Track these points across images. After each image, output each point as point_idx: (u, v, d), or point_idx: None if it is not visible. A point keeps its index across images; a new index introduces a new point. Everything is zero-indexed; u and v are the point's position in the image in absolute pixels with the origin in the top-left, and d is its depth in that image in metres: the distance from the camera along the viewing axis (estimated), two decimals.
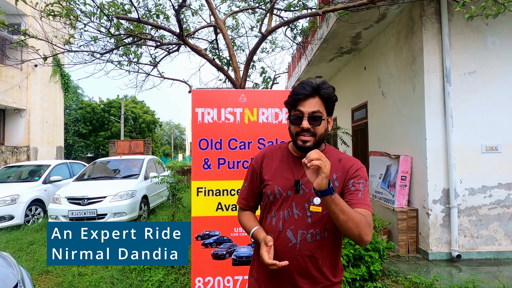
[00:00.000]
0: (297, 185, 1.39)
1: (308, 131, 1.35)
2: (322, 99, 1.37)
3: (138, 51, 5.16)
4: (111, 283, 3.79)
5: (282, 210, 1.41)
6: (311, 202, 1.37)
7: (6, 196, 6.83)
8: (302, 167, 1.37)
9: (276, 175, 1.45)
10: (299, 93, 1.36)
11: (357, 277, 3.56)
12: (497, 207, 4.58)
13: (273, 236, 1.39)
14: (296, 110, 1.37)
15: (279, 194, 1.42)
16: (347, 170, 1.38)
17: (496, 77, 4.61)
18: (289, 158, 1.47)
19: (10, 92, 10.65)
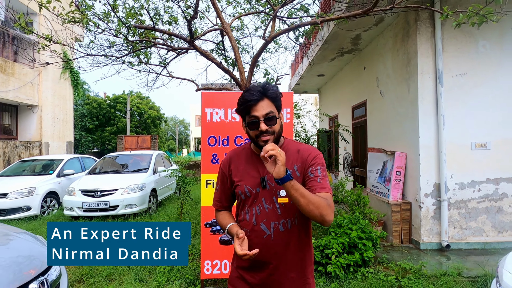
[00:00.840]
0: (263, 181, 1.51)
1: (267, 132, 1.46)
2: (270, 100, 1.47)
3: (148, 52, 5.48)
4: (127, 267, 4.16)
5: (254, 206, 1.52)
6: (278, 195, 1.49)
7: (24, 188, 7.24)
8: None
9: (244, 175, 1.56)
10: (250, 99, 1.45)
11: (351, 263, 3.89)
12: (485, 201, 4.88)
13: (249, 230, 1.51)
14: (251, 115, 1.46)
15: (249, 192, 1.53)
16: (306, 159, 1.51)
17: (486, 79, 4.89)
18: (253, 158, 1.58)
19: (23, 89, 11.06)
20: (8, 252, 2.46)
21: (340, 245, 4.01)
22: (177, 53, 4.83)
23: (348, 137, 7.95)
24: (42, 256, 2.58)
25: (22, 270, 2.27)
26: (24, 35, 11.51)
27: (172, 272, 3.96)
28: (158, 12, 5.94)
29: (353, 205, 5.24)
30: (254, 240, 1.49)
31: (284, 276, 1.51)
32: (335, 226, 4.29)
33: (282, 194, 1.48)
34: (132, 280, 3.76)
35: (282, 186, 1.31)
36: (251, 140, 1.54)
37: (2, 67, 10.18)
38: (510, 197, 4.87)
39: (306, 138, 7.30)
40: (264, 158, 1.30)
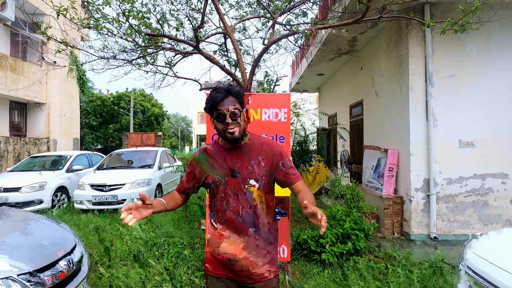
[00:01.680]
0: (233, 172, 1.69)
1: (233, 124, 1.64)
2: (234, 97, 1.68)
3: (155, 54, 5.80)
4: (138, 254, 4.51)
5: (224, 193, 1.70)
6: (247, 183, 1.68)
7: (35, 182, 7.60)
8: (234, 156, 1.72)
9: (213, 167, 1.73)
10: (216, 96, 1.65)
11: (344, 252, 4.22)
12: (471, 195, 5.20)
13: (220, 214, 1.71)
14: (218, 111, 1.65)
15: (218, 181, 1.71)
16: (272, 153, 1.73)
17: (473, 80, 5.19)
18: (221, 151, 1.76)
19: (32, 87, 11.42)
20: (40, 235, 2.81)
21: (334, 235, 4.33)
22: (183, 56, 5.15)
23: (346, 135, 8.27)
24: (67, 238, 2.95)
25: (52, 250, 2.62)
26: (32, 35, 11.85)
27: (179, 258, 4.31)
28: (164, 15, 6.26)
29: (348, 199, 5.57)
30: (226, 223, 1.70)
31: (253, 255, 1.69)
32: (329, 218, 4.62)
33: (251, 183, 1.67)
34: (143, 265, 4.10)
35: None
36: (219, 133, 1.70)
37: (12, 66, 10.54)
38: (496, 191, 5.18)
39: (305, 136, 7.62)
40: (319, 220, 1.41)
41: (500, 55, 5.20)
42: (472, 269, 2.09)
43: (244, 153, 1.72)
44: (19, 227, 2.91)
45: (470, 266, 2.12)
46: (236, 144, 1.72)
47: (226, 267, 1.73)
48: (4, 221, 3.01)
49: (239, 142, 1.71)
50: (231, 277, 1.73)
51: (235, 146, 1.73)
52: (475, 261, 2.11)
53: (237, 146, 1.73)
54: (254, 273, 1.69)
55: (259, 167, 1.70)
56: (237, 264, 1.69)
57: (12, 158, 10.53)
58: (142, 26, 4.00)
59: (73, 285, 2.62)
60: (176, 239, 5.08)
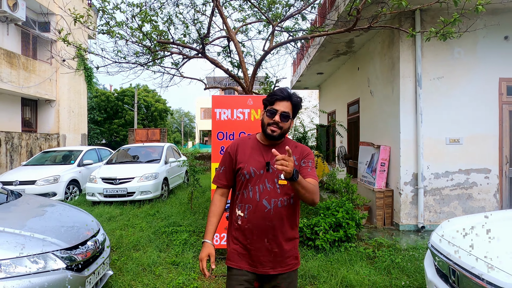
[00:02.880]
0: (268, 165, 1.78)
1: (277, 125, 1.76)
2: (292, 104, 1.79)
3: (163, 57, 6.21)
4: (149, 241, 4.96)
5: (257, 185, 1.77)
6: (279, 178, 1.77)
7: (50, 176, 8.06)
8: (270, 152, 1.74)
9: (250, 159, 1.81)
10: (278, 94, 1.78)
11: (336, 238, 4.64)
12: (457, 189, 5.59)
13: (252, 205, 1.76)
14: (272, 107, 1.78)
15: (253, 173, 1.78)
16: (302, 153, 1.87)
17: (460, 82, 5.56)
18: (259, 146, 1.86)
19: (43, 84, 11.87)
20: (69, 218, 3.25)
21: (327, 224, 4.76)
22: (189, 59, 5.55)
23: (343, 132, 8.66)
24: (92, 223, 3.39)
25: (81, 231, 3.06)
26: (42, 34, 12.28)
27: (186, 245, 4.75)
28: (170, 17, 6.64)
29: (342, 192, 6.00)
30: (256, 214, 1.76)
31: (277, 245, 1.78)
32: (324, 208, 5.04)
33: (282, 177, 1.73)
34: (154, 250, 4.55)
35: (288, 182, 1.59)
36: (262, 126, 1.83)
37: (24, 65, 10.98)
38: (479, 185, 5.58)
39: (304, 132, 8.02)
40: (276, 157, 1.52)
41: (486, 58, 5.56)
42: (434, 246, 2.50)
43: (280, 151, 1.74)
44: (50, 212, 3.35)
45: (433, 244, 2.54)
46: (272, 141, 1.83)
47: (250, 259, 1.79)
48: (36, 207, 3.46)
49: (276, 140, 1.82)
50: (253, 270, 1.78)
51: (272, 143, 1.83)
52: (436, 240, 2.52)
53: (274, 144, 1.83)
54: (277, 265, 1.78)
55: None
56: (262, 255, 1.77)
57: (25, 153, 11.02)
58: (154, 33, 4.39)
59: (98, 264, 3.06)
60: (183, 227, 5.53)
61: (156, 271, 3.87)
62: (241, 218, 1.80)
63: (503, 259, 1.93)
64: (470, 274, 2.00)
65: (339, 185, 6.13)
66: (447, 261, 2.29)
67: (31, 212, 3.27)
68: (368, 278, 3.59)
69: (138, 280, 3.63)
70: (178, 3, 6.34)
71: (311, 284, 3.58)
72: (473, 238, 2.33)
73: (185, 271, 3.86)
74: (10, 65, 10.38)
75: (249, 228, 1.77)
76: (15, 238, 2.59)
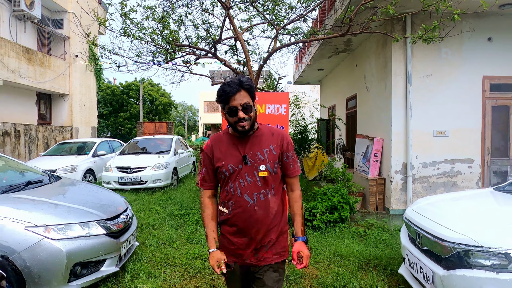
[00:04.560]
0: (245, 159, 1.74)
1: (244, 119, 1.68)
2: (246, 91, 1.68)
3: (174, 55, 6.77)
4: (165, 221, 5.57)
5: (237, 180, 1.74)
6: (258, 170, 1.73)
7: (68, 165, 8.69)
8: (245, 144, 1.77)
9: (226, 155, 1.77)
10: (229, 91, 1.66)
11: (331, 219, 5.23)
12: (443, 177, 6.15)
13: (235, 202, 1.74)
14: (230, 105, 1.67)
15: (232, 169, 1.74)
16: (281, 143, 1.80)
17: (447, 80, 6.08)
18: (233, 140, 1.80)
19: (57, 79, 12.47)
20: (105, 197, 3.86)
21: (324, 207, 5.34)
22: (199, 57, 6.11)
23: (341, 125, 9.21)
24: (122, 201, 3.99)
25: (115, 207, 3.66)
26: (56, 31, 12.84)
27: (199, 225, 5.36)
28: (181, 17, 7.17)
29: (339, 180, 6.58)
30: (240, 209, 1.74)
31: (265, 238, 1.77)
32: (321, 194, 5.62)
33: (262, 169, 1.73)
34: (170, 229, 5.16)
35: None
36: (231, 125, 1.76)
37: (41, 61, 11.57)
38: (463, 174, 6.13)
39: (305, 125, 8.58)
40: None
41: (471, 58, 6.07)
42: (407, 218, 3.08)
43: (255, 142, 1.77)
44: (88, 191, 3.96)
45: (406, 216, 3.11)
46: (247, 134, 1.79)
47: (236, 253, 1.79)
48: (76, 187, 4.07)
49: (248, 133, 1.78)
50: (240, 263, 1.80)
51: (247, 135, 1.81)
52: (409, 213, 3.10)
53: (248, 135, 1.79)
54: (266, 256, 1.79)
55: (270, 155, 1.76)
56: (249, 249, 1.77)
57: (41, 144, 11.66)
58: (171, 37, 4.95)
59: (128, 233, 3.66)
60: (194, 211, 6.13)
61: (174, 244, 4.48)
62: (225, 215, 1.79)
63: (450, 221, 2.51)
64: (426, 233, 2.58)
65: (336, 173, 6.71)
66: (415, 228, 2.87)
67: (73, 191, 3.88)
68: (357, 250, 4.18)
69: (160, 251, 4.24)
70: (188, 4, 6.88)
71: None
72: (436, 210, 2.91)
73: (199, 245, 4.47)
74: (28, 61, 10.97)
75: (234, 224, 1.77)
76: (66, 210, 3.20)
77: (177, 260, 3.95)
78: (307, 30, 6.19)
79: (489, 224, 2.43)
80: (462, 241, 2.28)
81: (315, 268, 3.74)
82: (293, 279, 3.45)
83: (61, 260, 2.84)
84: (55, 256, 2.83)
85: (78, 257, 2.95)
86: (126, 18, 5.12)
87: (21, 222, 2.83)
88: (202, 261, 3.90)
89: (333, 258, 3.99)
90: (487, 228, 2.33)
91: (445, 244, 2.39)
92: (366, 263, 3.82)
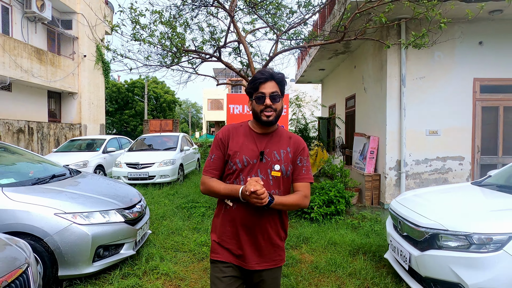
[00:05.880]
0: (261, 155, 1.68)
1: (270, 108, 1.65)
2: (277, 82, 1.68)
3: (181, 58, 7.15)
4: (173, 213, 5.99)
5: (249, 175, 1.67)
6: (272, 169, 1.69)
7: (80, 161, 9.12)
8: (263, 141, 1.72)
9: (243, 147, 1.70)
10: (260, 78, 1.66)
11: (328, 212, 5.62)
12: (434, 174, 6.51)
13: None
14: (259, 92, 1.66)
15: (246, 162, 1.68)
16: (297, 147, 1.76)
17: (439, 82, 6.42)
18: (251, 134, 1.75)
19: (66, 78, 12.93)
20: (122, 189, 4.28)
21: (321, 201, 5.72)
22: (204, 60, 6.50)
23: (341, 124, 9.57)
24: (136, 192, 4.40)
25: (130, 197, 4.07)
26: (66, 31, 13.28)
27: (204, 216, 5.77)
28: (186, 20, 7.55)
29: (337, 176, 6.96)
30: (246, 205, 1.65)
31: (266, 240, 1.71)
32: (319, 188, 6.00)
33: (276, 168, 1.68)
34: (178, 220, 5.57)
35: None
36: (255, 115, 1.71)
37: (51, 61, 12.02)
38: (454, 171, 6.49)
39: (305, 124, 8.96)
40: (249, 195, 1.51)
41: (462, 61, 6.41)
42: (391, 208, 3.46)
43: (274, 140, 1.74)
44: (106, 183, 4.38)
45: (391, 207, 3.50)
46: (268, 129, 1.74)
47: (236, 252, 1.71)
48: (95, 179, 4.49)
49: (271, 126, 1.74)
50: (239, 263, 1.71)
51: (266, 132, 1.75)
52: (393, 204, 3.48)
53: (267, 132, 1.75)
54: (264, 260, 1.72)
55: (286, 156, 1.72)
56: (249, 249, 1.70)
57: (52, 141, 12.14)
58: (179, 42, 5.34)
59: (143, 222, 4.07)
60: (200, 204, 6.54)
61: (182, 233, 4.89)
62: (229, 208, 1.71)
63: (426, 210, 2.90)
64: (406, 220, 2.97)
65: (334, 169, 7.08)
66: (397, 216, 3.26)
67: (93, 183, 4.29)
68: (350, 239, 4.57)
69: (170, 239, 4.66)
70: (193, 8, 7.25)
71: (305, 243, 4.56)
72: (416, 201, 3.29)
73: (205, 234, 4.88)
74: (40, 61, 11.43)
75: (237, 219, 1.69)
76: (89, 199, 3.61)
77: (186, 246, 4.36)
78: (307, 34, 6.54)
79: (457, 212, 2.81)
80: (433, 226, 2.67)
81: (311, 255, 4.13)
82: (290, 263, 3.85)
83: (87, 243, 3.26)
84: (82, 239, 3.24)
85: (101, 241, 3.37)
86: (136, 24, 5.51)
87: (52, 209, 3.25)
88: (208, 248, 4.31)
89: (327, 246, 4.39)
90: (455, 216, 2.71)
91: (419, 229, 2.77)
92: (357, 250, 4.20)
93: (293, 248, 4.37)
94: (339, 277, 3.51)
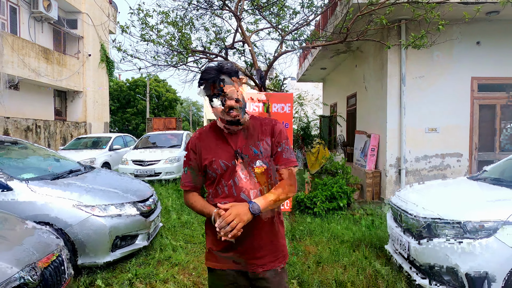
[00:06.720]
0: (237, 154, 1.56)
1: (233, 108, 1.51)
2: (227, 75, 1.50)
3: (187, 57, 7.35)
4: (181, 207, 6.19)
5: (231, 178, 1.55)
6: (254, 165, 1.56)
7: (87, 158, 9.33)
8: (236, 138, 1.59)
9: (217, 152, 1.58)
10: (208, 78, 1.49)
11: (330, 207, 5.82)
12: (433, 170, 6.71)
13: (230, 202, 1.48)
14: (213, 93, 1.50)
15: (225, 166, 1.56)
16: (272, 132, 1.63)
17: (438, 80, 6.61)
18: (222, 134, 1.62)
19: (72, 77, 13.15)
20: (135, 184, 4.49)
21: (324, 196, 5.93)
22: (210, 60, 6.71)
23: (342, 122, 9.77)
24: (148, 187, 4.60)
25: (143, 192, 4.28)
26: (71, 31, 13.48)
27: None
28: (191, 20, 7.74)
29: (339, 173, 7.16)
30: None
31: (263, 241, 1.60)
32: (322, 185, 6.21)
33: (258, 164, 1.57)
34: (186, 214, 5.78)
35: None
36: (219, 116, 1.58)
37: (57, 60, 12.23)
38: (452, 167, 6.69)
39: (308, 122, 9.13)
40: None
41: (460, 60, 6.60)
42: (392, 202, 3.67)
43: (246, 134, 1.62)
44: (120, 178, 4.59)
45: (391, 200, 3.71)
46: (237, 126, 1.60)
47: (232, 257, 1.60)
48: (108, 175, 4.70)
49: (240, 123, 1.59)
50: (238, 268, 1.61)
51: (237, 128, 1.61)
52: (394, 198, 3.69)
53: (238, 128, 1.62)
54: (265, 261, 1.61)
55: (265, 148, 1.60)
56: (246, 253, 1.59)
57: (59, 139, 12.37)
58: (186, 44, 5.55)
59: (155, 215, 4.28)
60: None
61: (191, 227, 5.11)
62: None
63: (424, 202, 3.10)
64: (405, 212, 3.18)
65: (336, 167, 7.29)
66: (397, 209, 3.46)
67: (107, 178, 4.50)
68: (352, 232, 4.78)
69: (180, 231, 4.87)
70: (198, 8, 7.44)
71: (309, 236, 4.77)
72: (415, 194, 3.50)
73: None
74: (46, 60, 11.64)
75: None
76: (106, 193, 3.82)
77: (195, 238, 4.58)
78: (310, 35, 6.73)
79: (453, 203, 3.02)
80: (430, 215, 2.87)
81: (315, 247, 4.34)
82: (295, 253, 4.06)
83: (105, 233, 3.47)
84: (100, 230, 3.45)
85: (118, 232, 3.58)
86: (146, 26, 5.71)
87: (72, 202, 3.46)
88: None
89: (330, 238, 4.59)
90: (450, 206, 2.92)
91: (418, 219, 2.98)
92: (359, 242, 4.41)
93: (297, 240, 4.58)
94: (342, 265, 3.72)
